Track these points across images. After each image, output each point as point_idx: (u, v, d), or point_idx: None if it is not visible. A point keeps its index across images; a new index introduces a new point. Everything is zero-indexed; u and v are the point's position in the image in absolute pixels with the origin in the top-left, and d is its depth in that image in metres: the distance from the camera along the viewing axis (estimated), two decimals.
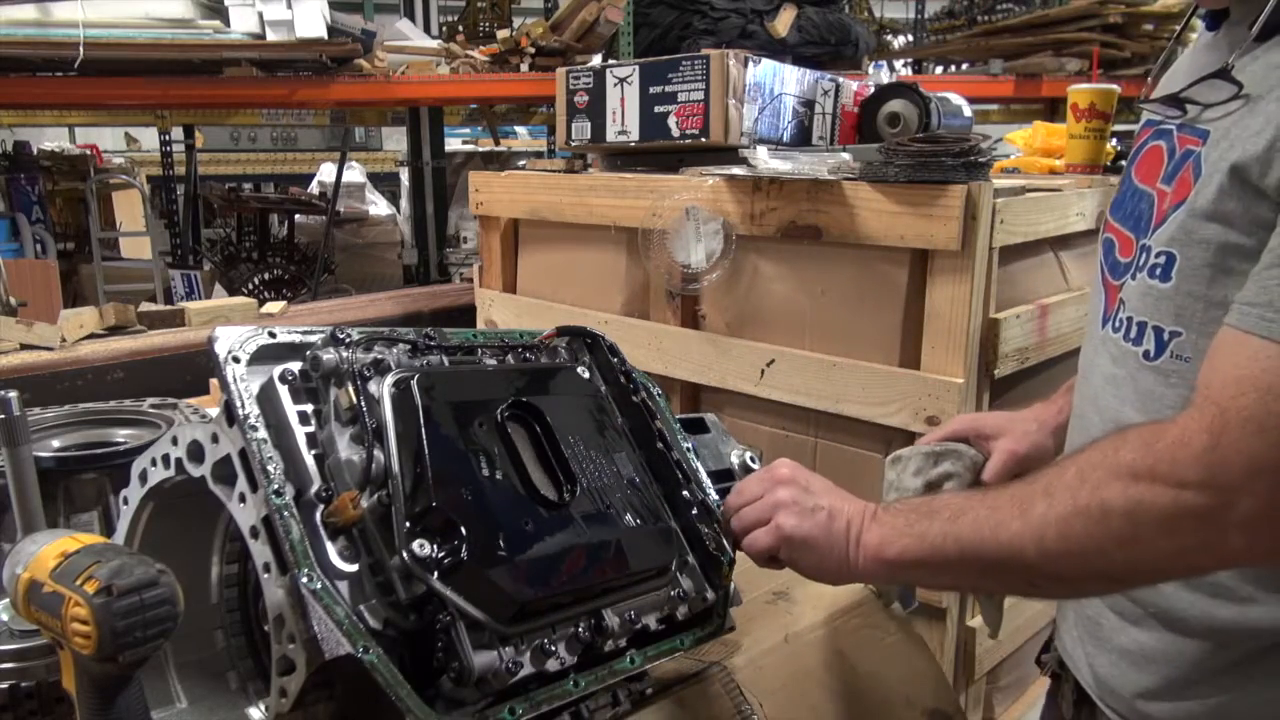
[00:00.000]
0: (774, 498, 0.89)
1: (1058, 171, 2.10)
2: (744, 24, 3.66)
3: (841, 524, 0.86)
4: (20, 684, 0.85)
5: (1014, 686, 1.94)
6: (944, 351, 1.57)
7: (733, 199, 1.78)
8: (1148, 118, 0.96)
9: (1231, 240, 0.78)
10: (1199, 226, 0.80)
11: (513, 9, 5.34)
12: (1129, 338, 0.89)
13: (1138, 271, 0.88)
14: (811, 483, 0.91)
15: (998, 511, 0.78)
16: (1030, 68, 4.77)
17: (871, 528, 0.85)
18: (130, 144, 8.86)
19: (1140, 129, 0.98)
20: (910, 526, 0.83)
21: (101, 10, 3.29)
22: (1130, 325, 0.89)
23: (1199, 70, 0.85)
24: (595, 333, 0.99)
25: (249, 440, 0.73)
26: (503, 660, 0.72)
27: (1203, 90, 0.83)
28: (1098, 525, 0.72)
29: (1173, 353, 0.84)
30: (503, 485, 0.77)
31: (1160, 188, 0.87)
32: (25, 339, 2.41)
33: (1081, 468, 0.75)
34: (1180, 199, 0.83)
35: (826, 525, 0.86)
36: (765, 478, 0.92)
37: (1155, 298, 0.85)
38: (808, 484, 0.91)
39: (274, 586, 0.71)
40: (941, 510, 0.82)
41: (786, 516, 0.88)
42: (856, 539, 0.85)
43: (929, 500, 0.89)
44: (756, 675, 0.97)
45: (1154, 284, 0.85)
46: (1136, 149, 0.96)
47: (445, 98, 4.56)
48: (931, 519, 0.82)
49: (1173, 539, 0.71)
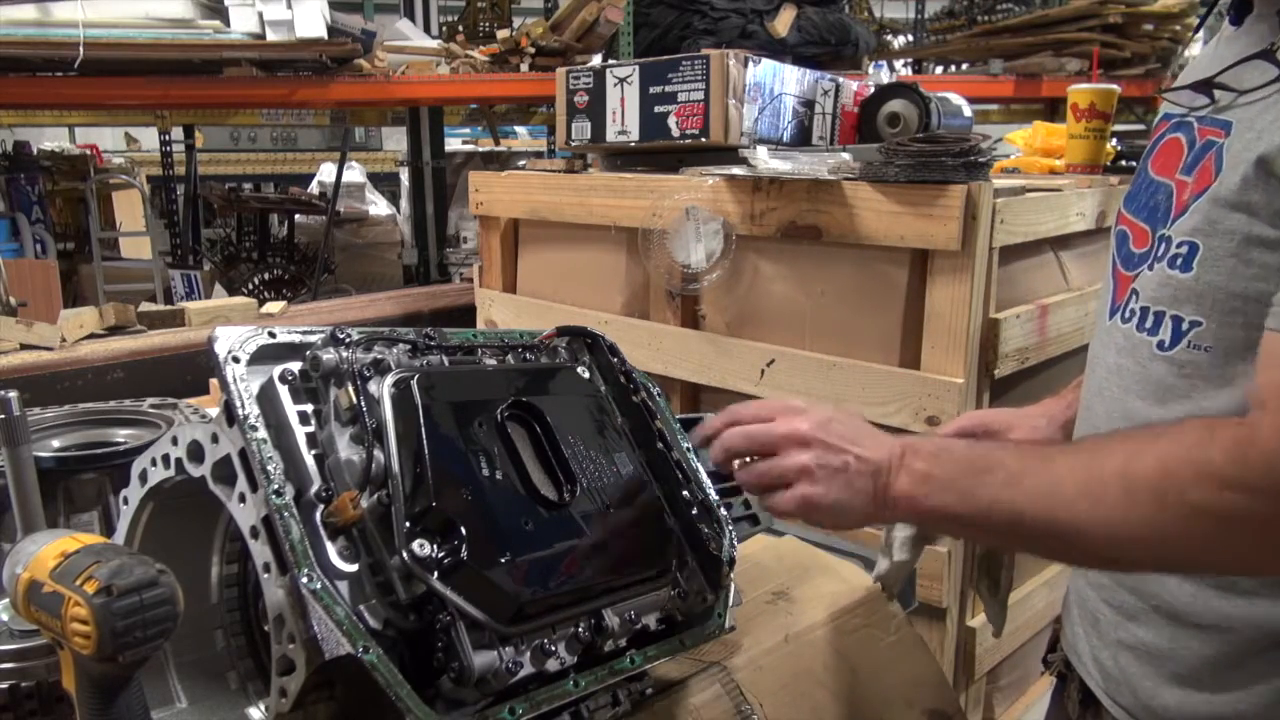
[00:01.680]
0: (796, 461, 0.84)
1: (1058, 171, 2.11)
2: (744, 24, 3.66)
3: (867, 477, 0.83)
4: (20, 684, 0.85)
5: (1014, 686, 1.94)
6: (944, 351, 1.57)
7: (733, 199, 1.78)
8: (1165, 111, 0.95)
9: (1255, 232, 0.78)
10: (1223, 216, 0.80)
11: (513, 9, 5.34)
12: (1142, 327, 0.88)
13: (1155, 261, 0.87)
14: (832, 431, 0.85)
15: (1061, 486, 0.76)
16: (1030, 68, 4.77)
17: (901, 476, 0.82)
18: (130, 144, 8.86)
19: (1157, 123, 0.97)
20: (954, 481, 0.80)
21: (101, 10, 3.29)
22: (1145, 315, 0.88)
23: (1224, 61, 0.84)
24: (595, 333, 0.98)
25: (249, 440, 0.73)
26: (503, 660, 0.72)
27: (1239, 74, 0.82)
28: (1182, 525, 0.72)
29: (1190, 343, 0.84)
30: (503, 485, 0.77)
31: (1180, 178, 0.87)
32: (25, 339, 2.41)
33: (1165, 462, 0.73)
34: (1201, 189, 0.82)
35: (852, 482, 0.83)
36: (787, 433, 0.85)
37: (1174, 287, 0.85)
38: (828, 436, 0.84)
39: (274, 586, 0.71)
40: (994, 469, 0.79)
41: (811, 485, 0.83)
42: (885, 487, 0.82)
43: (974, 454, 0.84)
44: (756, 675, 0.97)
45: (1174, 274, 0.84)
46: (1153, 143, 0.95)
47: (445, 98, 4.56)
48: (980, 478, 0.79)
49: (1263, 545, 0.72)
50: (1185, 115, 0.90)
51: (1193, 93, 0.88)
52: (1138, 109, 5.28)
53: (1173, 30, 4.93)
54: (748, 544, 1.10)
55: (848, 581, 1.17)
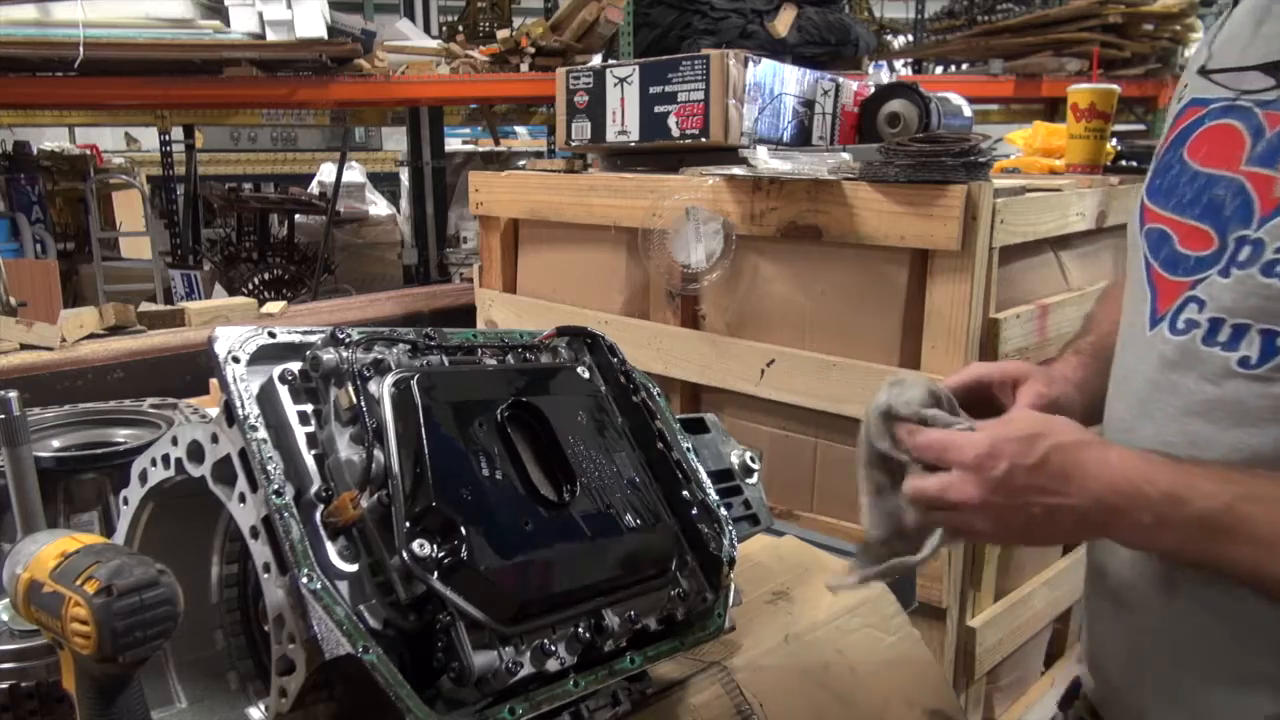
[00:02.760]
0: (982, 497, 0.76)
1: (1058, 171, 2.11)
2: (744, 24, 3.66)
3: (1066, 524, 0.76)
4: (20, 684, 0.85)
5: (1014, 686, 1.94)
6: (944, 351, 1.57)
7: (733, 199, 1.78)
8: (1195, 96, 0.87)
9: None
10: None
11: (513, 9, 5.34)
12: (1211, 341, 0.79)
13: (1233, 267, 0.78)
14: (1024, 479, 0.76)
15: None
16: (1030, 68, 4.78)
17: (1122, 525, 0.75)
18: (130, 144, 8.86)
19: (1184, 109, 0.89)
20: (1187, 541, 0.74)
21: (101, 10, 3.29)
22: (1217, 328, 0.79)
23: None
24: (595, 333, 0.98)
25: (249, 440, 0.73)
26: (503, 660, 0.72)
27: None
28: None
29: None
30: (503, 485, 0.77)
31: (1255, 171, 0.78)
32: (25, 339, 2.41)
33: None
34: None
35: (1033, 530, 0.76)
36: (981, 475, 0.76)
37: (1266, 297, 0.75)
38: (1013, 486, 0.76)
39: (274, 587, 0.71)
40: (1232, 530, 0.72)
41: (986, 521, 0.77)
42: (1093, 528, 0.77)
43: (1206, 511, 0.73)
44: (756, 675, 0.97)
45: (1270, 282, 0.75)
46: (1183, 129, 0.87)
47: (445, 98, 4.57)
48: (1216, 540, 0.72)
49: None
50: (1234, 100, 0.81)
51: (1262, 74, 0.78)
52: (1138, 109, 5.29)
53: (1173, 30, 4.93)
54: (748, 544, 1.10)
55: None
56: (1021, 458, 0.77)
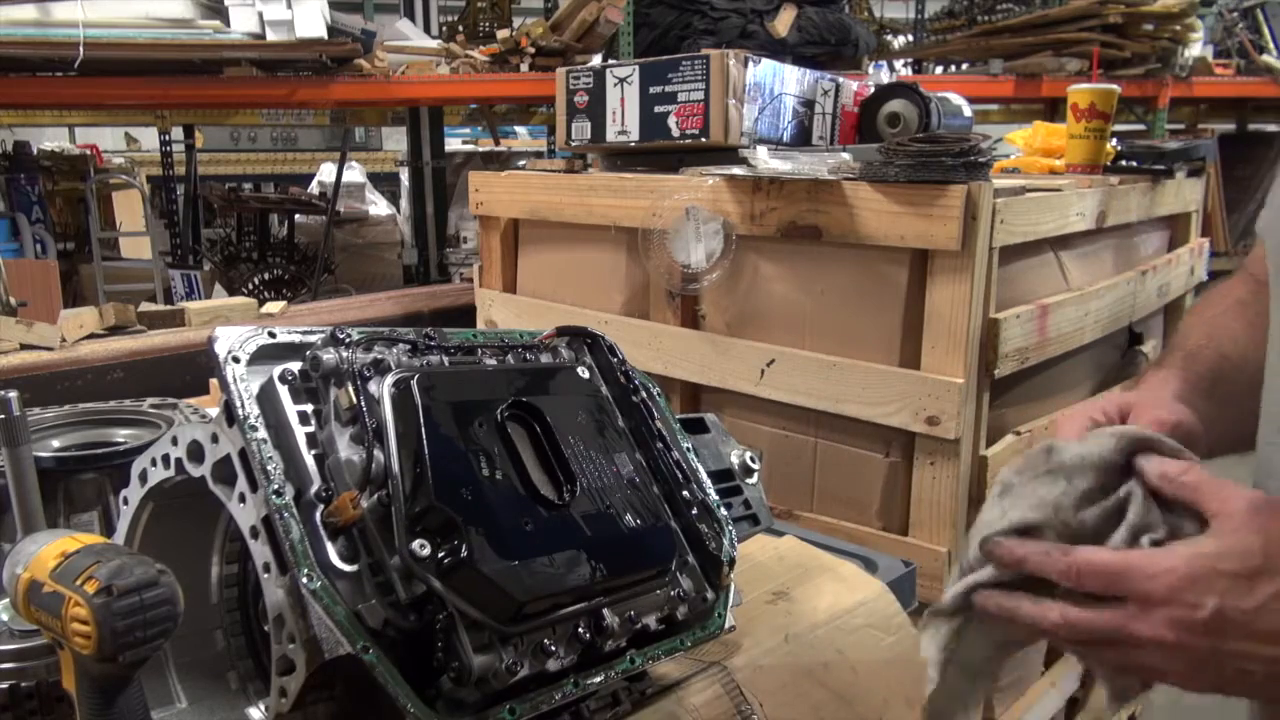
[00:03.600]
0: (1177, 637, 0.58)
1: (1058, 171, 2.11)
2: (744, 24, 3.66)
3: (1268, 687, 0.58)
4: (20, 684, 0.85)
5: (1014, 686, 1.94)
6: (944, 351, 1.57)
7: (733, 199, 1.78)
8: None
9: None
10: None
11: (513, 9, 5.34)
12: None
13: None
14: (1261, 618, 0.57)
15: None
16: (1030, 68, 4.78)
17: None
18: (130, 144, 8.87)
19: None
20: None
21: (101, 10, 3.29)
22: None
23: None
24: (595, 333, 0.98)
25: (249, 440, 0.73)
26: (502, 660, 0.72)
27: None
28: None
29: None
30: (502, 485, 0.77)
31: None
32: (25, 339, 2.41)
33: None
34: None
35: (1247, 684, 0.59)
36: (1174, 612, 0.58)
37: None
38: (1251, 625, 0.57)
39: (274, 586, 0.71)
40: None
41: (1177, 663, 0.59)
42: None
43: None
44: (756, 675, 0.97)
45: None
46: None
47: (445, 98, 4.57)
48: None
49: None
50: None
51: None
52: (1138, 109, 5.29)
53: (1173, 30, 4.94)
54: (748, 544, 1.10)
55: (847, 581, 1.17)
56: (1237, 598, 0.58)
